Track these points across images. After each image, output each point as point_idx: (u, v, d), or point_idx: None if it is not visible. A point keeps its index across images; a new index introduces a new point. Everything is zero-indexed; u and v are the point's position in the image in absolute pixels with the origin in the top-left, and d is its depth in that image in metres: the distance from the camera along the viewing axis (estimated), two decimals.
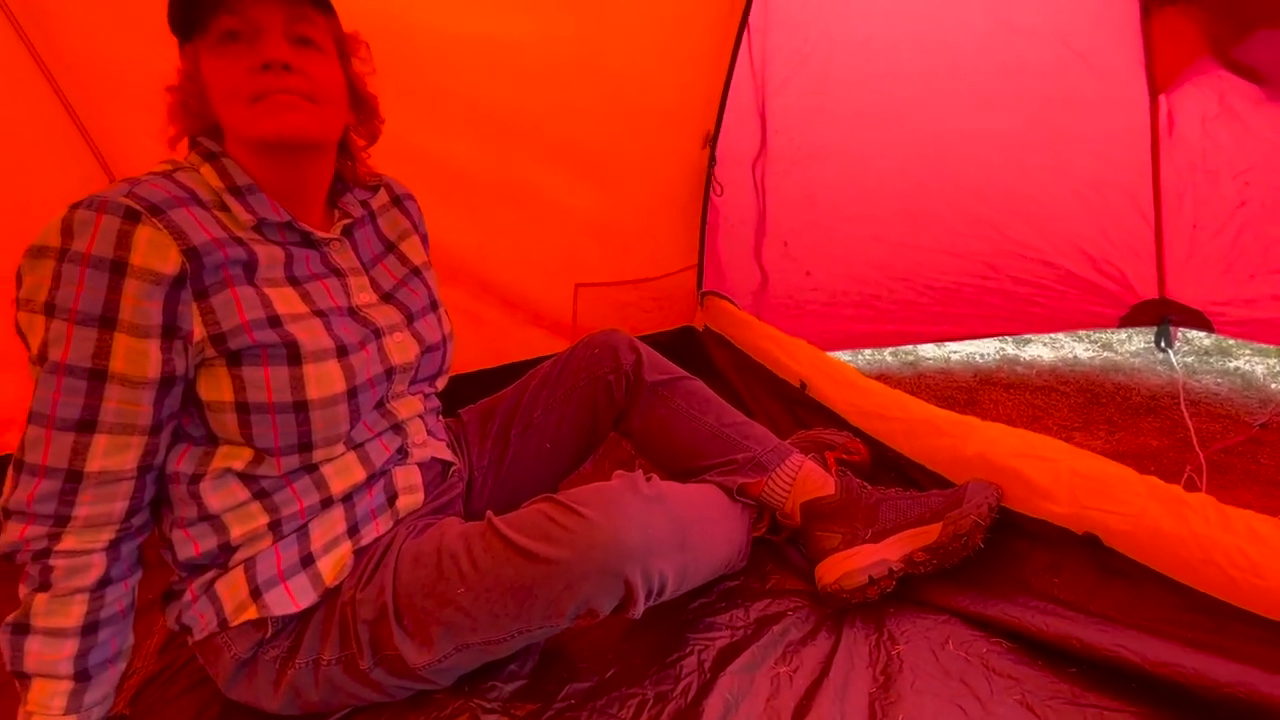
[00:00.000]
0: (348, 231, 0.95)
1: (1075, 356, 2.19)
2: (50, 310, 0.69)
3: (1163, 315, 1.94)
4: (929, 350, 2.31)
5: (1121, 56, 1.52)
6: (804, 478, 1.05)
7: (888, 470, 1.24)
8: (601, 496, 0.78)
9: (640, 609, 0.78)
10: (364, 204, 0.99)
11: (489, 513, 0.84)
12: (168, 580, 0.87)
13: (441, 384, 1.06)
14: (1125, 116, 1.60)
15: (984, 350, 2.28)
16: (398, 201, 1.05)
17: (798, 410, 1.55)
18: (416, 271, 1.02)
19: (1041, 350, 2.25)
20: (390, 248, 1.02)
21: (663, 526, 0.79)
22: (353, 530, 0.86)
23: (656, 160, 1.73)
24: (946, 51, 1.60)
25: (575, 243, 1.76)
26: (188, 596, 0.82)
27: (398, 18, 0.94)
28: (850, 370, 1.48)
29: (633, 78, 1.53)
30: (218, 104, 0.79)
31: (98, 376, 0.71)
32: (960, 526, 0.96)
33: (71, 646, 0.73)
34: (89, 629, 0.74)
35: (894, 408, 1.30)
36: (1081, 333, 2.31)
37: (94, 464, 0.72)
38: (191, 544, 0.80)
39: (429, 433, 1.01)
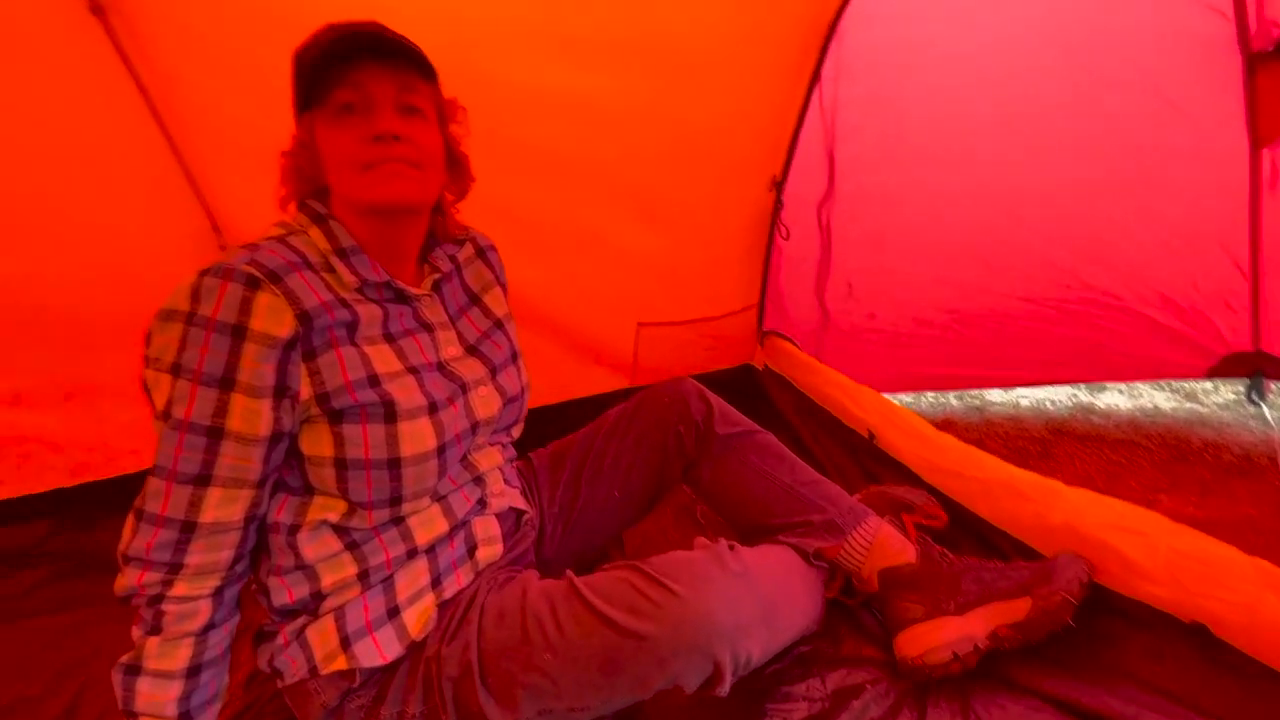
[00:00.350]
0: (436, 286, 0.98)
1: (1155, 407, 2.08)
2: (176, 370, 0.74)
3: (1256, 368, 1.83)
4: (996, 395, 2.23)
5: (1221, 109, 1.46)
6: (881, 542, 1.03)
7: (964, 532, 1.20)
8: (690, 571, 0.78)
9: (727, 687, 0.78)
10: (451, 258, 1.02)
11: (569, 574, 0.85)
12: (258, 620, 0.90)
13: (517, 433, 1.08)
14: (1222, 168, 1.53)
15: (1055, 397, 2.19)
16: (481, 253, 1.08)
17: (865, 461, 1.52)
18: (499, 324, 1.05)
19: (1118, 399, 2.15)
20: (474, 300, 1.05)
21: (751, 606, 0.78)
22: (435, 582, 0.88)
23: (722, 203, 1.74)
24: (1027, 100, 1.57)
25: (639, 284, 1.78)
26: (280, 640, 0.85)
27: (483, 73, 0.98)
28: (921, 422, 1.44)
29: (703, 125, 1.55)
30: (331, 170, 0.83)
31: (216, 434, 0.74)
32: (1050, 603, 0.92)
33: (177, 688, 0.77)
34: (193, 671, 0.78)
35: (970, 465, 1.26)
36: (1162, 381, 2.20)
37: (207, 515, 0.76)
38: (286, 591, 0.84)
39: (505, 482, 1.03)
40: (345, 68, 0.79)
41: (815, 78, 1.55)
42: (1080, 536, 1.01)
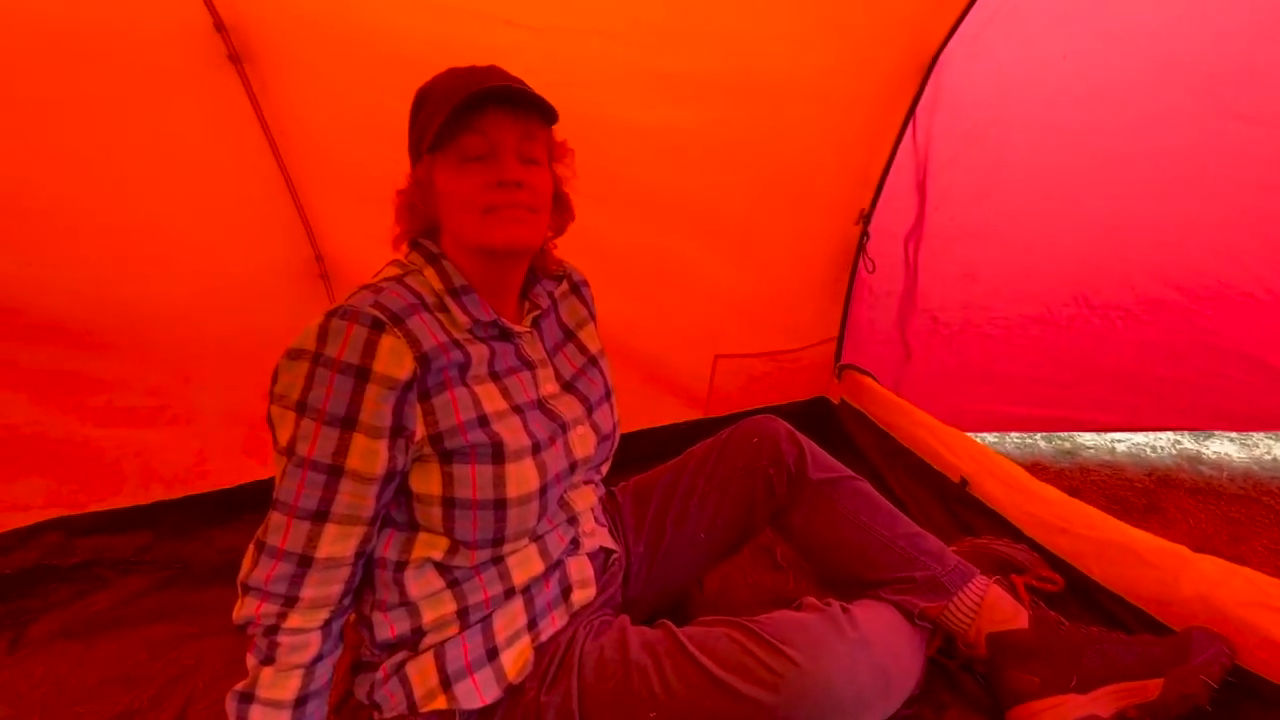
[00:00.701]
0: (535, 322, 0.99)
1: (1275, 458, 1.92)
2: (301, 408, 0.76)
3: None
4: (1089, 439, 2.11)
5: None
6: (991, 605, 0.97)
7: (1072, 594, 1.12)
8: (806, 636, 0.75)
9: None
10: (549, 294, 1.03)
11: (669, 625, 0.83)
12: (357, 650, 0.92)
13: (605, 470, 1.08)
14: None
15: (1156, 443, 2.05)
16: (575, 289, 1.08)
17: (956, 508, 1.45)
18: (593, 360, 1.05)
19: (1229, 448, 2.00)
20: (570, 335, 1.05)
21: (870, 676, 0.74)
22: (532, 624, 0.87)
23: (806, 236, 1.71)
24: (1146, 134, 1.49)
25: (718, 316, 1.76)
26: (379, 674, 0.86)
27: (583, 110, 0.99)
28: (1019, 471, 1.36)
29: (791, 159, 1.53)
30: (449, 211, 0.85)
31: (336, 472, 0.76)
32: (1187, 687, 0.84)
33: (285, 717, 0.78)
34: (300, 702, 0.79)
35: (1079, 522, 1.18)
36: None
37: (323, 551, 0.77)
38: (389, 626, 0.84)
39: (595, 520, 1.02)
40: (473, 115, 0.80)
41: (912, 110, 1.51)
42: (1216, 611, 0.93)
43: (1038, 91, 1.49)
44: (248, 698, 0.78)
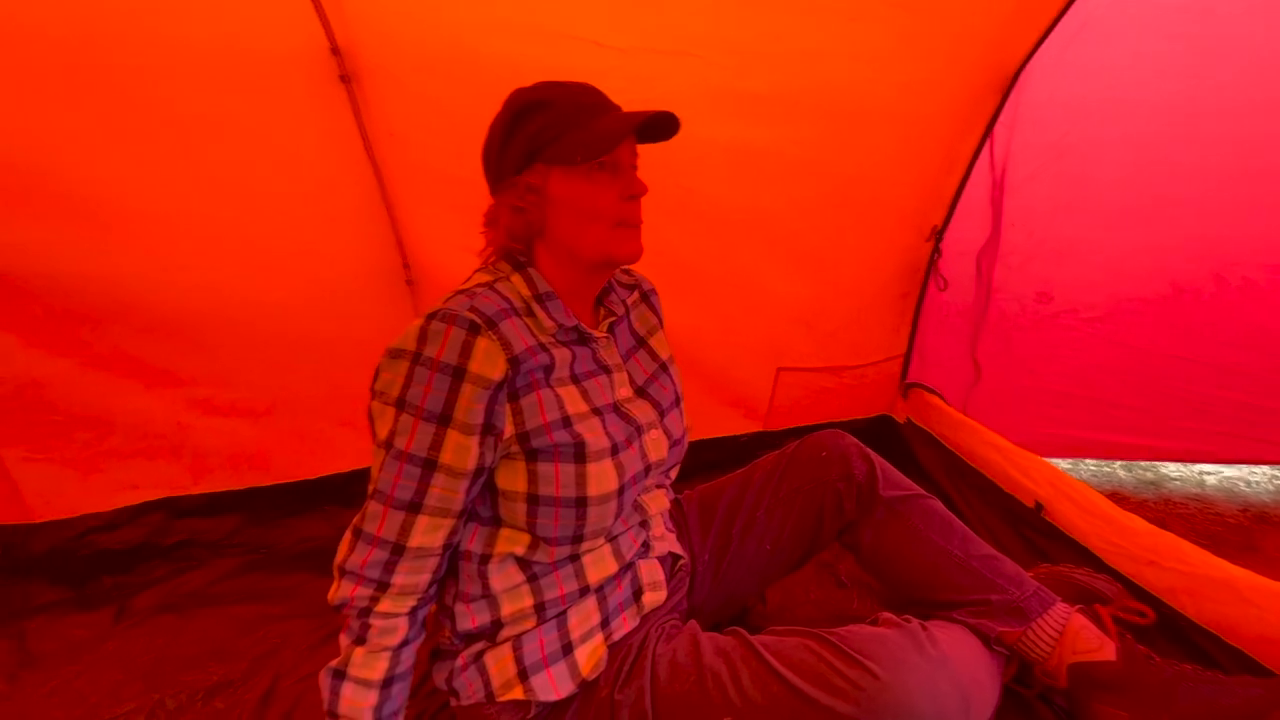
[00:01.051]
0: (611, 328, 1.02)
1: None
2: (401, 405, 0.80)
3: None
4: (1173, 469, 2.00)
5: None
6: (1074, 634, 0.93)
7: (1160, 630, 1.07)
8: (885, 650, 0.74)
9: None
10: (623, 301, 1.05)
11: (742, 632, 0.83)
12: (436, 639, 0.96)
13: (673, 475, 1.09)
14: None
15: (1251, 476, 1.92)
16: (646, 297, 1.11)
17: (1029, 534, 1.40)
18: (664, 366, 1.07)
19: None
20: (641, 342, 1.07)
21: (952, 696, 0.73)
22: (605, 623, 0.89)
23: (875, 252, 1.70)
24: (1252, 152, 1.42)
25: (783, 329, 1.76)
26: (458, 662, 0.90)
27: None
28: (1101, 498, 1.31)
29: (864, 175, 1.52)
30: (572, 220, 0.86)
31: (430, 466, 0.80)
32: None
33: (374, 697, 0.82)
34: (387, 683, 0.83)
35: (1169, 555, 1.13)
36: None
37: (415, 540, 0.81)
38: (470, 617, 0.88)
39: (665, 526, 1.03)
40: (630, 137, 0.85)
41: (990, 126, 1.49)
42: None
43: (1130, 106, 1.44)
44: (340, 675, 0.82)
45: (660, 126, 0.87)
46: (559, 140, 0.83)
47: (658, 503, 1.01)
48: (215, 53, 1.07)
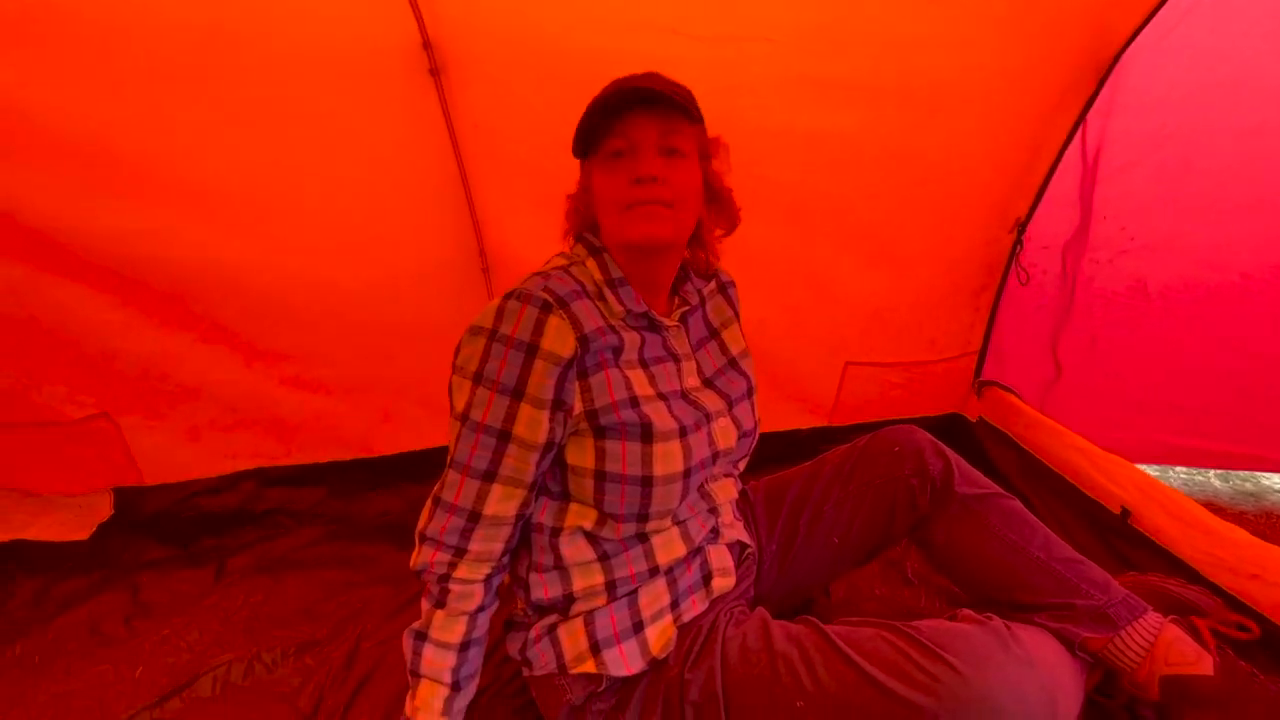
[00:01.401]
0: (683, 318, 1.03)
1: None
2: (478, 379, 0.84)
3: None
4: (1277, 480, 1.86)
5: None
6: (1167, 645, 0.89)
7: (1265, 645, 1.00)
8: (967, 645, 0.73)
9: None
10: (698, 292, 1.06)
11: (814, 620, 0.83)
12: (509, 611, 1.00)
13: (742, 466, 1.10)
14: None
15: None
16: (723, 289, 1.11)
17: (1114, 541, 1.34)
18: (735, 360, 1.07)
19: None
20: (714, 334, 1.08)
21: (1038, 698, 0.71)
22: (674, 605, 0.91)
23: (954, 245, 1.64)
24: None
25: (852, 322, 1.73)
26: (531, 634, 0.93)
27: (733, 115, 1.02)
28: (1196, 506, 1.24)
29: (944, 165, 1.48)
30: (599, 211, 0.91)
31: (504, 437, 0.83)
32: None
33: (453, 659, 0.87)
34: (464, 647, 0.88)
35: (1275, 569, 1.05)
36: None
37: (490, 508, 0.85)
38: (543, 587, 0.91)
39: (734, 515, 1.04)
40: (617, 119, 0.85)
41: (1084, 113, 1.41)
42: None
43: (1240, 91, 1.34)
44: (422, 637, 0.87)
45: (665, 104, 0.84)
46: (580, 136, 0.88)
47: (726, 491, 1.02)
48: (317, 48, 1.13)
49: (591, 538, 0.90)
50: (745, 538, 1.05)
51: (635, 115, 0.86)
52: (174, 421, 1.52)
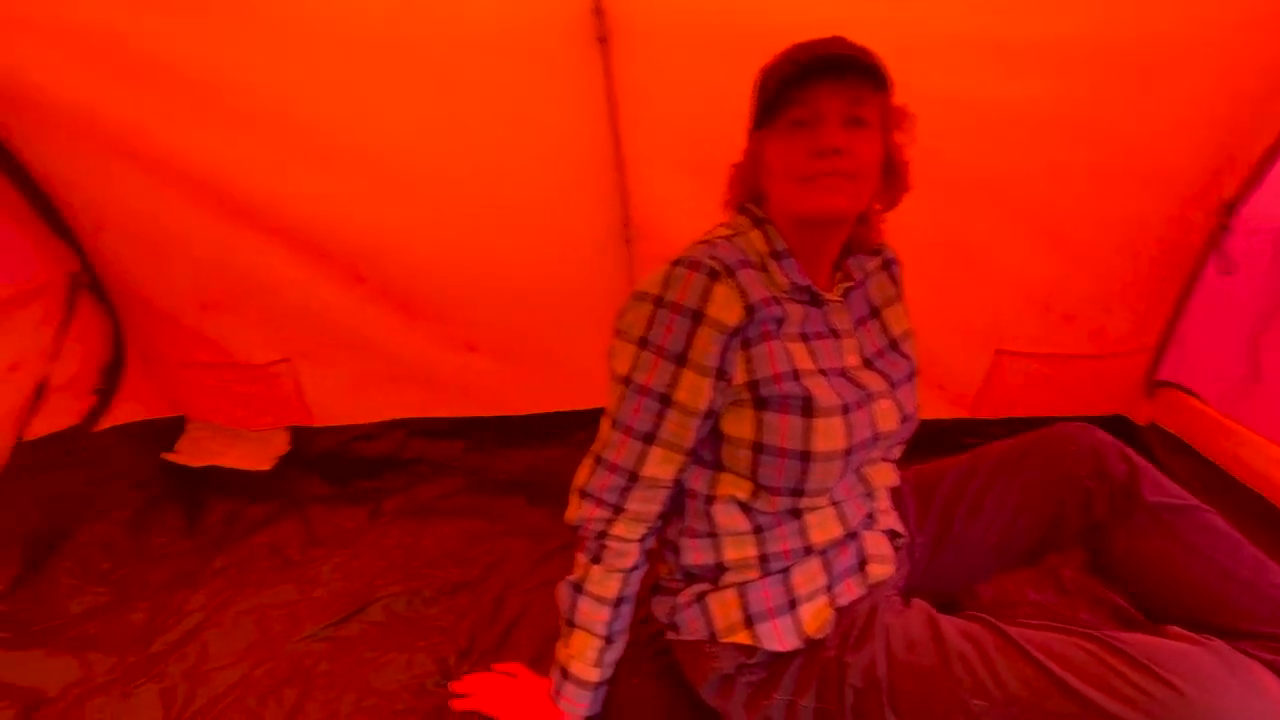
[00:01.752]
0: (846, 294, 0.99)
1: None
2: (643, 343, 0.85)
3: None
4: None
5: None
6: None
7: None
8: (1189, 665, 0.67)
9: None
10: (862, 268, 1.02)
11: (989, 619, 0.79)
12: (654, 574, 1.02)
13: (898, 454, 1.05)
14: None
15: None
16: (887, 266, 1.06)
17: None
18: (896, 342, 1.02)
19: None
20: (875, 312, 1.03)
21: None
22: (829, 587, 0.89)
23: (1139, 227, 1.48)
24: None
25: (1007, 308, 1.60)
26: (680, 599, 0.95)
27: (904, 81, 0.95)
28: None
29: (1136, 137, 1.32)
30: (771, 181, 0.89)
31: (666, 401, 0.84)
32: None
33: (607, 613, 0.90)
34: (618, 603, 0.91)
35: None
36: None
37: (648, 470, 0.87)
38: (694, 553, 0.92)
39: (889, 502, 1.00)
40: (800, 88, 0.82)
41: None
42: None
43: None
44: (578, 588, 0.91)
45: (854, 71, 0.80)
46: (759, 106, 0.85)
47: (883, 476, 0.98)
48: (489, 18, 1.17)
49: (746, 508, 0.90)
50: (899, 527, 1.01)
51: (821, 84, 0.82)
52: (341, 370, 1.67)
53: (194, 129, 1.28)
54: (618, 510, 0.89)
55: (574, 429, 1.79)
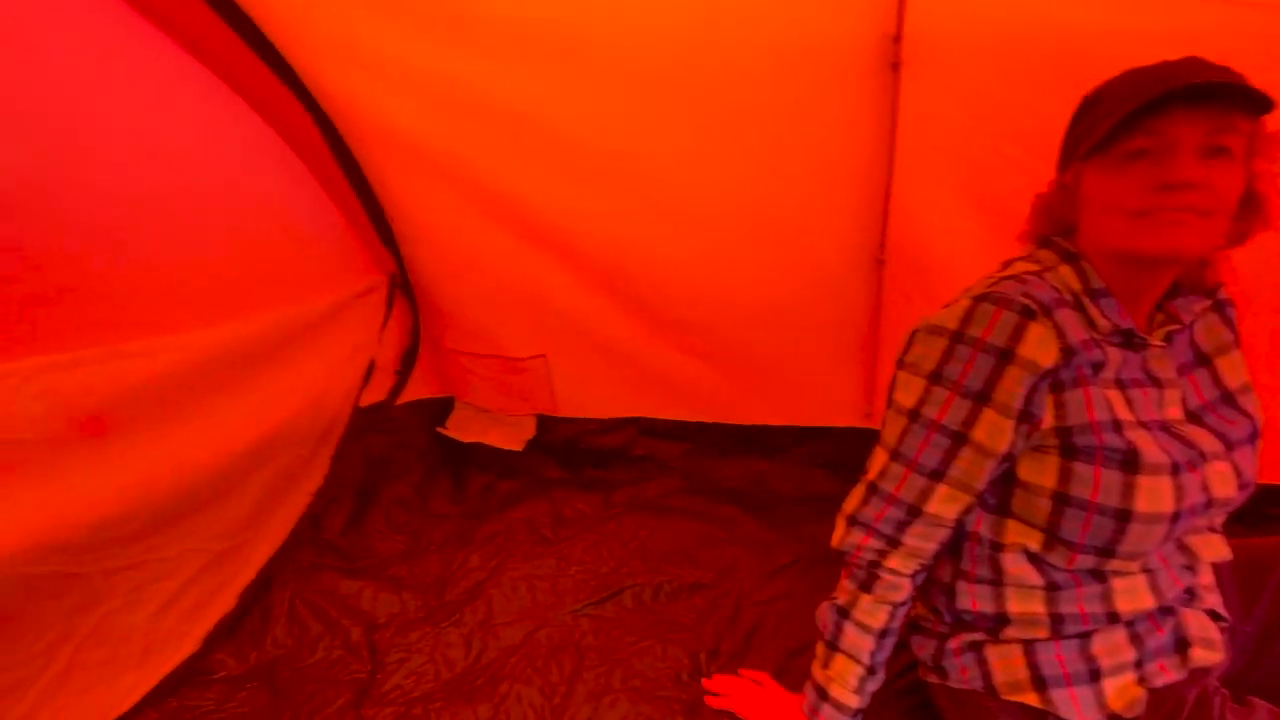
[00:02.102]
0: (1169, 338, 0.88)
1: None
2: (935, 378, 0.83)
3: None
4: None
5: None
6: None
7: None
8: None
9: None
10: (1188, 308, 0.90)
11: None
12: (913, 612, 0.99)
13: (1220, 521, 0.91)
14: None
15: None
16: (1219, 307, 0.93)
17: None
18: (1231, 395, 0.89)
19: None
20: (1203, 360, 0.91)
21: None
22: (1139, 663, 0.81)
23: None
24: None
25: None
26: (950, 645, 0.92)
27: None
28: None
29: None
30: (1092, 214, 0.81)
31: (960, 439, 0.82)
32: None
33: (872, 642, 0.90)
34: (883, 634, 0.90)
35: None
36: None
37: (932, 507, 0.85)
38: (972, 599, 0.89)
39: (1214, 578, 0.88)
40: (1151, 115, 0.73)
41: None
42: None
43: None
44: (845, 613, 0.92)
45: (1206, 94, 0.70)
46: (1094, 135, 0.77)
47: (1211, 548, 0.87)
48: (783, 44, 1.20)
49: (1037, 561, 0.85)
50: (1221, 609, 0.88)
51: (1174, 110, 0.74)
52: (587, 368, 1.83)
53: (501, 157, 1.47)
54: (893, 543, 0.88)
55: (791, 444, 1.81)
